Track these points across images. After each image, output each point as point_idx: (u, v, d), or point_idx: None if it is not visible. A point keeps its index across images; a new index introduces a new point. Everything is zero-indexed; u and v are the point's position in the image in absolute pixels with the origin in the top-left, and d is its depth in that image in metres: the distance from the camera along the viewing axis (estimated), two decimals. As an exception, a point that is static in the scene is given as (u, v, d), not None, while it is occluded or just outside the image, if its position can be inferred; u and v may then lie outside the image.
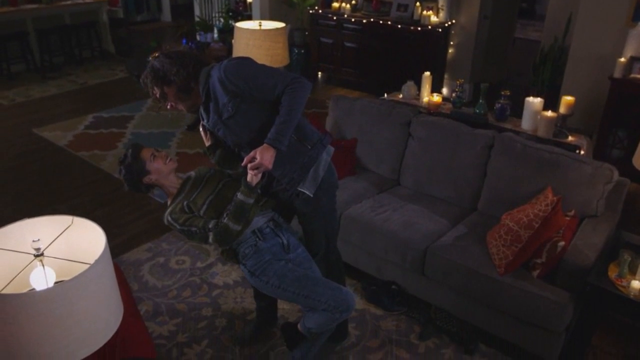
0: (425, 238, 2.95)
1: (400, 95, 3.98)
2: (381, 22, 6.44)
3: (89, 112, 6.08)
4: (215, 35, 6.10)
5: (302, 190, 2.28)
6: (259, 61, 3.78)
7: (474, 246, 2.85)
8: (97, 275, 1.30)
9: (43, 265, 1.36)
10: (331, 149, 2.38)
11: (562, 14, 5.61)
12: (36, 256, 1.33)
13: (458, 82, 3.75)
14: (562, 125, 3.31)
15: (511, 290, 2.61)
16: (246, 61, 2.22)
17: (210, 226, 2.15)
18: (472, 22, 6.35)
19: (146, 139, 5.35)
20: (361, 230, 3.12)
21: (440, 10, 6.27)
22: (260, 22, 3.89)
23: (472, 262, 2.75)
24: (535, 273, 2.65)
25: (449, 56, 6.61)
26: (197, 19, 7.64)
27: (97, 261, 1.30)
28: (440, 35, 6.21)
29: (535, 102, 3.35)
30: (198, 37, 5.58)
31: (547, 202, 2.64)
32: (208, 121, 2.32)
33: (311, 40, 7.13)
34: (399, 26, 6.30)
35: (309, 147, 2.27)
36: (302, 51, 7.13)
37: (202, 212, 2.21)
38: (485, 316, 2.79)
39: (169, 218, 2.22)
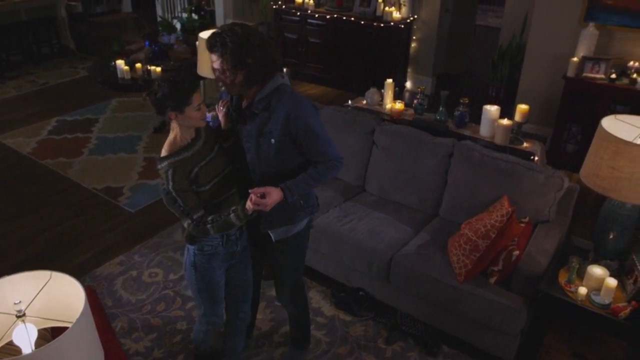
0: (390, 247, 3.09)
1: (364, 101, 4.08)
2: (344, 17, 6.50)
3: (52, 115, 5.99)
4: (179, 35, 6.06)
5: (270, 232, 2.37)
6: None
7: (435, 254, 3.01)
8: (79, 334, 1.38)
9: (25, 323, 1.43)
10: (313, 215, 2.49)
11: (519, 10, 5.78)
12: (18, 317, 1.40)
13: (420, 89, 3.87)
14: (517, 132, 3.47)
15: (470, 297, 2.78)
16: (315, 115, 2.22)
17: (194, 217, 2.14)
18: (434, 16, 6.46)
19: (112, 144, 5.33)
20: (329, 240, 3.23)
21: (403, 6, 6.36)
22: (224, 32, 3.91)
23: (434, 270, 2.90)
24: (493, 280, 2.83)
25: (412, 50, 6.72)
26: (159, 19, 7.54)
27: (77, 320, 1.37)
28: (402, 31, 6.32)
29: (492, 110, 3.50)
30: (162, 39, 5.54)
31: (502, 213, 2.81)
32: (242, 120, 2.23)
33: (275, 36, 7.14)
34: (362, 22, 6.37)
35: (301, 207, 2.34)
36: (267, 46, 7.12)
37: (206, 188, 2.16)
38: (447, 320, 2.97)
39: (170, 172, 2.08)
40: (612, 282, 2.43)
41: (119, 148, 5.24)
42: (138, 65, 5.07)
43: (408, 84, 6.90)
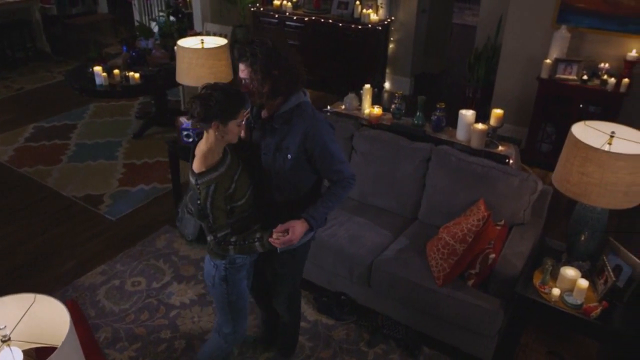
0: (370, 252, 3.15)
1: (343, 106, 4.12)
2: (322, 20, 6.53)
3: (28, 121, 5.93)
4: (156, 38, 6.02)
5: None
6: (203, 79, 3.88)
7: (414, 258, 3.08)
8: (64, 357, 1.41)
9: (10, 347, 1.45)
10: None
11: (494, 12, 5.87)
12: (4, 341, 1.42)
13: (397, 94, 3.93)
14: (492, 136, 3.55)
15: (449, 300, 2.86)
16: (332, 134, 2.27)
17: (218, 235, 2.17)
18: (411, 18, 6.53)
19: (91, 151, 5.30)
20: (311, 246, 3.27)
21: (380, 8, 6.42)
22: (202, 39, 3.92)
23: (413, 274, 2.97)
24: (470, 283, 2.90)
25: (389, 52, 6.79)
26: (136, 23, 7.48)
27: (63, 344, 1.40)
28: (380, 33, 6.38)
29: (468, 114, 3.57)
30: (139, 44, 5.50)
31: (479, 217, 2.88)
32: (261, 131, 2.26)
33: (254, 38, 7.13)
34: (340, 24, 6.42)
35: None
36: (246, 49, 7.12)
37: (242, 201, 2.19)
38: (427, 322, 3.05)
39: (212, 189, 2.09)
40: (583, 283, 2.52)
41: (99, 154, 5.21)
42: (116, 71, 5.04)
43: (387, 85, 6.97)
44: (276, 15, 6.83)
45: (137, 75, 5.02)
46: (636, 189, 2.41)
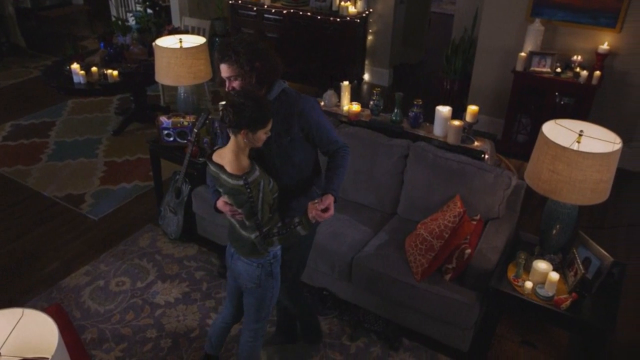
0: (351, 248, 3.23)
1: (322, 103, 4.17)
2: (301, 12, 6.53)
3: (5, 119, 5.86)
4: (133, 32, 5.96)
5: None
6: (183, 79, 3.88)
7: (394, 254, 3.16)
8: (54, 369, 1.45)
9: (0, 362, 1.50)
10: None
11: (471, 4, 5.95)
12: (-6, 357, 1.47)
13: (375, 90, 3.98)
14: (468, 131, 3.64)
15: (427, 294, 2.95)
16: (320, 109, 2.44)
17: (263, 230, 2.23)
18: (389, 9, 6.57)
19: (71, 149, 5.27)
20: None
21: (358, 0, 6.43)
22: (180, 38, 3.93)
23: (393, 270, 3.06)
24: (448, 277, 3.00)
25: (368, 43, 6.82)
26: (113, 18, 7.39)
27: (52, 357, 1.45)
28: (358, 25, 6.40)
29: (444, 110, 3.64)
30: (117, 40, 5.45)
31: (455, 213, 2.97)
32: None
33: (232, 31, 7.12)
34: (319, 17, 6.42)
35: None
36: (225, 41, 7.09)
37: (277, 193, 2.30)
38: (406, 316, 3.14)
39: (262, 185, 2.18)
40: (554, 276, 2.63)
41: (79, 152, 5.19)
42: (94, 69, 5.01)
43: (366, 77, 7.02)
44: (254, 8, 6.80)
45: (115, 72, 4.99)
46: (603, 186, 2.52)
